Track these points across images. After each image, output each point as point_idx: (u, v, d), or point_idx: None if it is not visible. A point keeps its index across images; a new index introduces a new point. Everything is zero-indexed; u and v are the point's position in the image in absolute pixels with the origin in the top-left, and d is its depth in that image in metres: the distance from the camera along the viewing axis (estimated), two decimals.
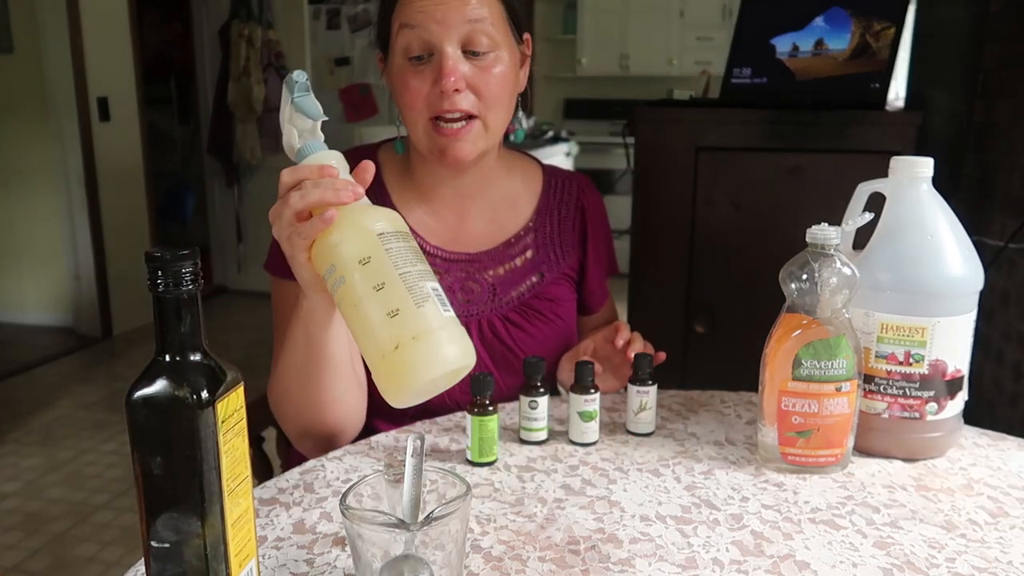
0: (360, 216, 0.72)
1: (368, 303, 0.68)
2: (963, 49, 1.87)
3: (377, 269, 0.69)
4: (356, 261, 0.70)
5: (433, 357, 0.68)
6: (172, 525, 0.57)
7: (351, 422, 0.99)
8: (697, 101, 2.02)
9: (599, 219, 1.21)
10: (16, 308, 4.27)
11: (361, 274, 0.69)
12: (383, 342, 0.68)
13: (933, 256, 0.88)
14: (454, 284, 1.09)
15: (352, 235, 0.71)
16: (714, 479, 0.86)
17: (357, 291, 0.69)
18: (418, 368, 0.67)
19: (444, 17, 0.96)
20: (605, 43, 5.83)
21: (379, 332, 0.68)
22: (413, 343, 0.67)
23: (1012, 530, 0.77)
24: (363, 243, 0.70)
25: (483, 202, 1.13)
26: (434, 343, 0.68)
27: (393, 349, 0.67)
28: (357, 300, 0.69)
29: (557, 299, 1.14)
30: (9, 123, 4.01)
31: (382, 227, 0.71)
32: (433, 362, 0.68)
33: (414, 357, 0.67)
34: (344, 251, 0.71)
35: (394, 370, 0.68)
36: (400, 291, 0.68)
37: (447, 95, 0.97)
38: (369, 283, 0.69)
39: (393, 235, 0.71)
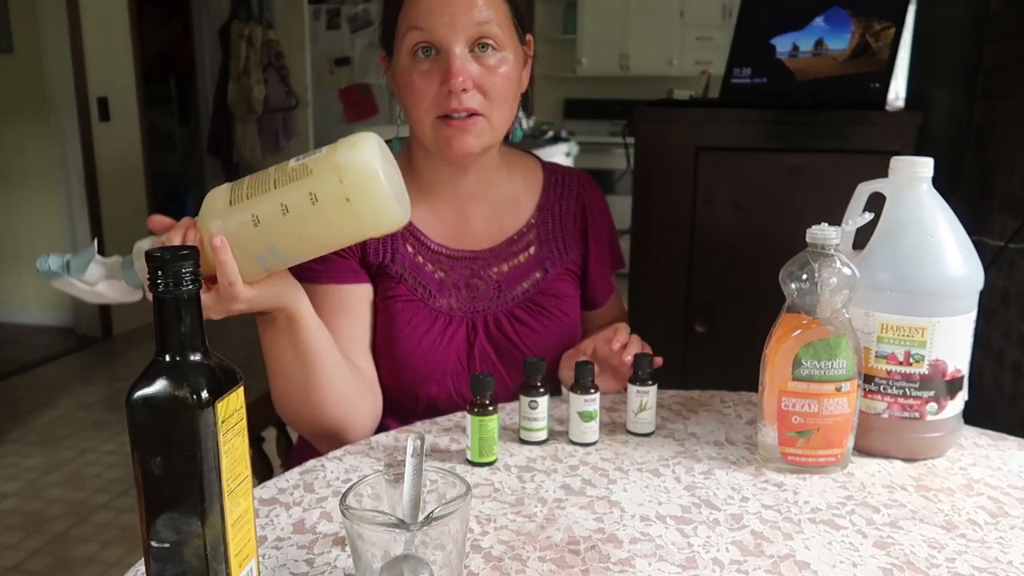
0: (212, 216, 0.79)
1: (295, 223, 0.76)
2: (963, 49, 1.87)
3: (267, 214, 0.76)
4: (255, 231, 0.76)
5: (360, 161, 0.75)
6: (172, 525, 0.57)
7: (359, 418, 1.00)
8: (697, 101, 2.02)
9: (600, 214, 1.21)
10: (16, 308, 4.27)
11: (272, 228, 0.76)
12: (336, 210, 0.75)
13: (933, 256, 0.88)
14: (459, 281, 1.10)
15: (234, 228, 0.77)
16: (714, 479, 0.86)
17: (285, 229, 0.76)
18: (366, 176, 0.75)
19: (452, 19, 0.97)
20: (605, 43, 5.83)
21: (326, 211, 0.75)
22: (347, 178, 0.74)
23: (1012, 530, 0.77)
24: (238, 219, 0.77)
25: (484, 200, 1.13)
26: (348, 160, 0.75)
27: (345, 201, 0.74)
28: (291, 230, 0.76)
29: (561, 295, 1.15)
30: (9, 123, 4.01)
31: (222, 200, 0.78)
32: (366, 161, 0.75)
33: (355, 179, 0.74)
34: (246, 239, 0.77)
35: (365, 200, 0.75)
36: (295, 187, 0.75)
37: (455, 94, 0.98)
38: (279, 220, 0.76)
39: (235, 195, 0.78)
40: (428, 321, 1.07)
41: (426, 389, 1.07)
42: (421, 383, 1.06)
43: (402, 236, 1.09)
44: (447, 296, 1.09)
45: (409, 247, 1.09)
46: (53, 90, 3.86)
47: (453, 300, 1.09)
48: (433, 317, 1.07)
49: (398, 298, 1.06)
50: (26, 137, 4.00)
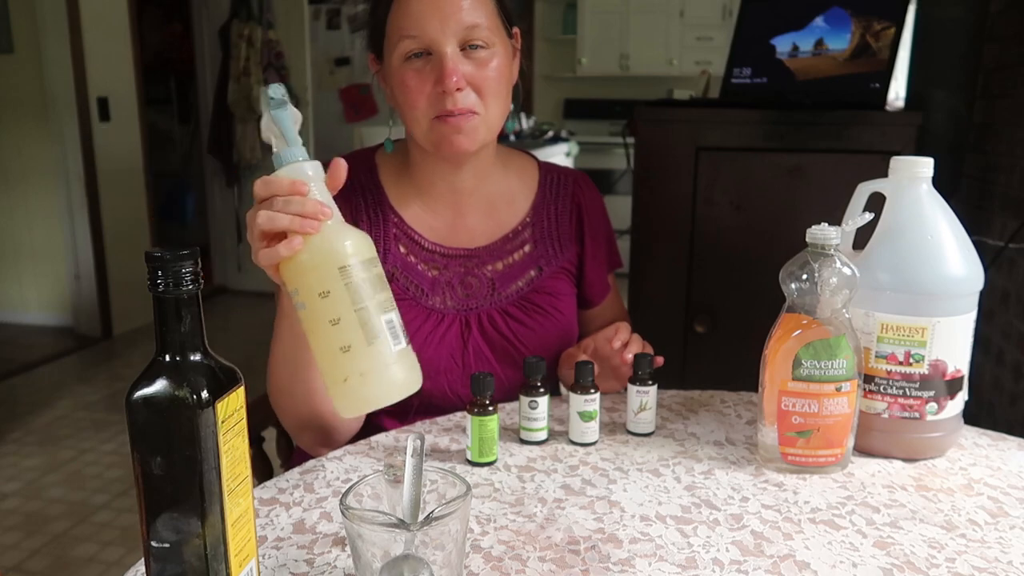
0: (326, 246, 0.72)
1: (323, 335, 0.71)
2: (963, 49, 1.87)
3: (334, 304, 0.70)
4: (316, 293, 0.71)
5: (378, 392, 0.72)
6: (172, 525, 0.57)
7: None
8: (697, 101, 2.02)
9: (596, 213, 1.21)
10: (16, 308, 4.27)
11: (320, 306, 0.71)
12: (334, 372, 0.71)
13: (933, 256, 0.88)
14: (453, 279, 1.11)
15: (314, 267, 0.72)
16: (714, 479, 0.86)
17: (315, 321, 0.71)
18: (362, 400, 0.72)
19: (442, 23, 0.98)
20: (605, 43, 5.83)
21: (331, 362, 0.71)
22: (360, 378, 0.70)
23: (1012, 530, 0.77)
24: (324, 276, 0.71)
25: (479, 197, 1.14)
26: (380, 379, 0.71)
27: (343, 381, 0.71)
28: (314, 329, 0.72)
29: (556, 293, 1.15)
30: (9, 123, 4.01)
31: (347, 258, 0.71)
32: (377, 396, 0.72)
33: (360, 390, 0.71)
34: (305, 281, 0.72)
35: (342, 396, 0.72)
36: (353, 328, 0.70)
37: (450, 94, 0.99)
38: (326, 316, 0.71)
39: (357, 266, 0.71)
40: (420, 319, 1.07)
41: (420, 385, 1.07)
42: None
43: (395, 236, 1.09)
44: (440, 294, 1.10)
45: (402, 247, 1.10)
46: (53, 90, 3.86)
47: (447, 298, 1.10)
48: (425, 315, 1.08)
49: None
50: (26, 137, 4.00)
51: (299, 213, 0.72)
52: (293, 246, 0.71)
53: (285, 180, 0.74)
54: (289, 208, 0.72)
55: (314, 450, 1.05)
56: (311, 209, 0.72)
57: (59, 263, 4.10)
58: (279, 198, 0.74)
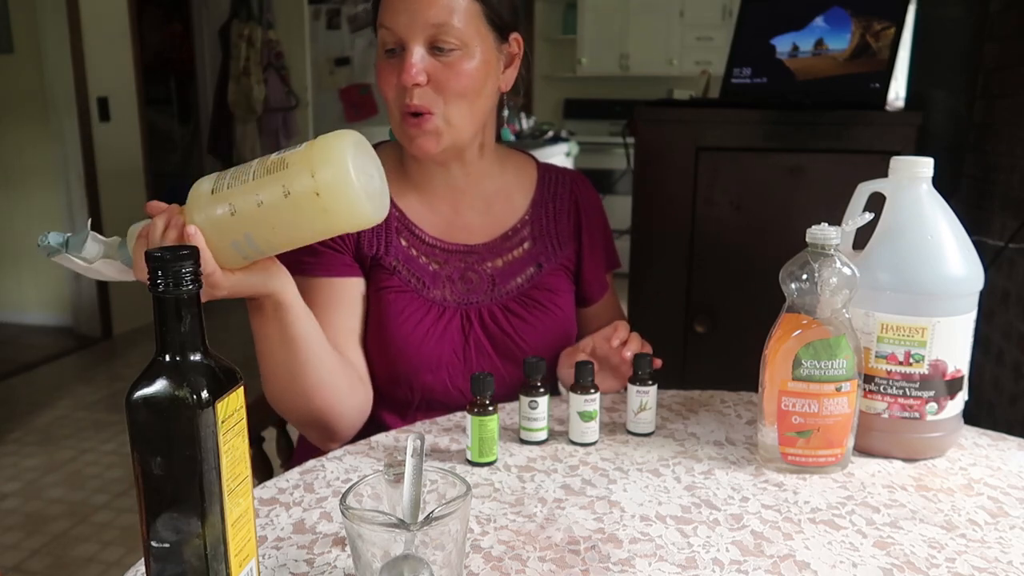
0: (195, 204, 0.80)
1: (269, 214, 0.76)
2: (963, 49, 1.87)
3: (243, 203, 0.77)
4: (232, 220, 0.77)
5: (333, 156, 0.76)
6: (172, 525, 0.57)
7: (345, 407, 1.01)
8: (697, 101, 2.02)
9: (594, 212, 1.22)
10: (16, 308, 4.27)
11: (247, 217, 0.77)
12: (307, 205, 0.75)
13: (933, 256, 0.88)
14: (453, 274, 1.11)
15: (213, 216, 0.78)
16: (714, 479, 0.86)
17: (260, 220, 0.77)
18: (336, 171, 0.75)
19: (410, 19, 1.00)
20: (605, 43, 5.83)
21: (297, 205, 0.76)
22: (318, 173, 0.75)
23: (1012, 530, 0.77)
24: (216, 208, 0.78)
25: (476, 195, 1.15)
26: (322, 155, 0.76)
27: (315, 195, 0.75)
28: (264, 221, 0.77)
29: (555, 290, 1.16)
30: (9, 123, 4.01)
31: (206, 188, 0.79)
32: (338, 156, 0.76)
33: (326, 174, 0.75)
34: (224, 227, 0.78)
35: (335, 195, 0.75)
36: (271, 180, 0.76)
37: (407, 90, 1.01)
38: (253, 210, 0.77)
39: (218, 184, 0.79)
40: (421, 311, 1.08)
41: (421, 379, 1.07)
42: (415, 373, 1.07)
43: (396, 229, 1.10)
44: (441, 288, 1.10)
45: (403, 240, 1.10)
46: (53, 90, 3.86)
47: (447, 292, 1.10)
48: (427, 307, 1.08)
49: (391, 289, 1.08)
50: (26, 137, 4.00)
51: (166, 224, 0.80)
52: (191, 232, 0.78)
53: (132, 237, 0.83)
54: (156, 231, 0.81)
55: (323, 445, 1.05)
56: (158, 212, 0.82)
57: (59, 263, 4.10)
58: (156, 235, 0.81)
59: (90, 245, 0.83)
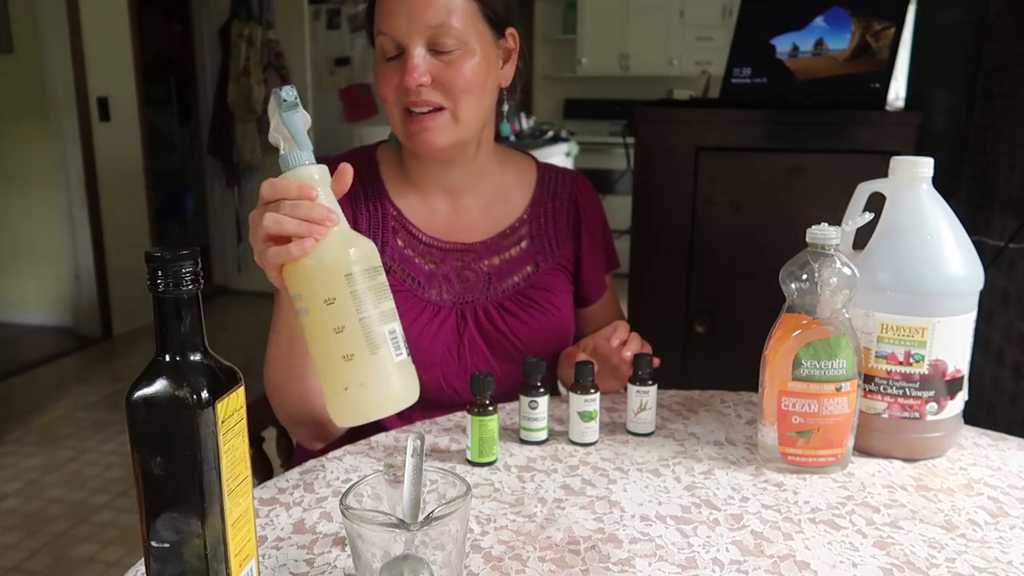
0: (332, 252, 0.72)
1: (326, 342, 0.70)
2: (963, 49, 1.87)
3: (339, 312, 0.70)
4: (321, 300, 0.70)
5: (377, 402, 0.71)
6: (172, 525, 0.57)
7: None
8: (697, 101, 2.02)
9: (593, 212, 1.22)
10: (16, 308, 4.27)
11: (324, 313, 0.70)
12: (335, 381, 0.71)
13: (933, 256, 0.88)
14: (449, 273, 1.11)
15: (320, 273, 0.71)
16: (714, 479, 0.86)
17: (318, 328, 0.71)
18: (361, 410, 0.71)
19: (409, 21, 1.00)
20: (605, 43, 5.83)
21: (332, 371, 0.71)
22: (361, 388, 0.70)
23: (1012, 530, 0.77)
24: (330, 283, 0.70)
25: (475, 193, 1.15)
26: (380, 390, 0.71)
27: (343, 390, 0.70)
28: (317, 336, 0.71)
29: (552, 289, 1.15)
30: (9, 123, 4.01)
31: (352, 265, 0.71)
32: (376, 407, 0.71)
33: (360, 400, 0.70)
34: (310, 287, 0.71)
35: (340, 406, 0.71)
36: (357, 336, 0.70)
37: (411, 90, 1.01)
38: (330, 324, 0.70)
39: (362, 274, 0.71)
40: (416, 310, 1.08)
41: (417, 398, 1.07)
42: None
43: (392, 229, 1.10)
44: (436, 287, 1.10)
45: (399, 240, 1.10)
46: (53, 90, 3.85)
47: (443, 291, 1.10)
48: (421, 307, 1.08)
49: None
50: (26, 137, 4.00)
51: (307, 218, 0.71)
52: (305, 247, 0.71)
53: (293, 184, 0.73)
54: (297, 212, 0.72)
55: (309, 443, 1.06)
56: (319, 214, 0.72)
57: (59, 263, 4.10)
58: (287, 202, 0.73)
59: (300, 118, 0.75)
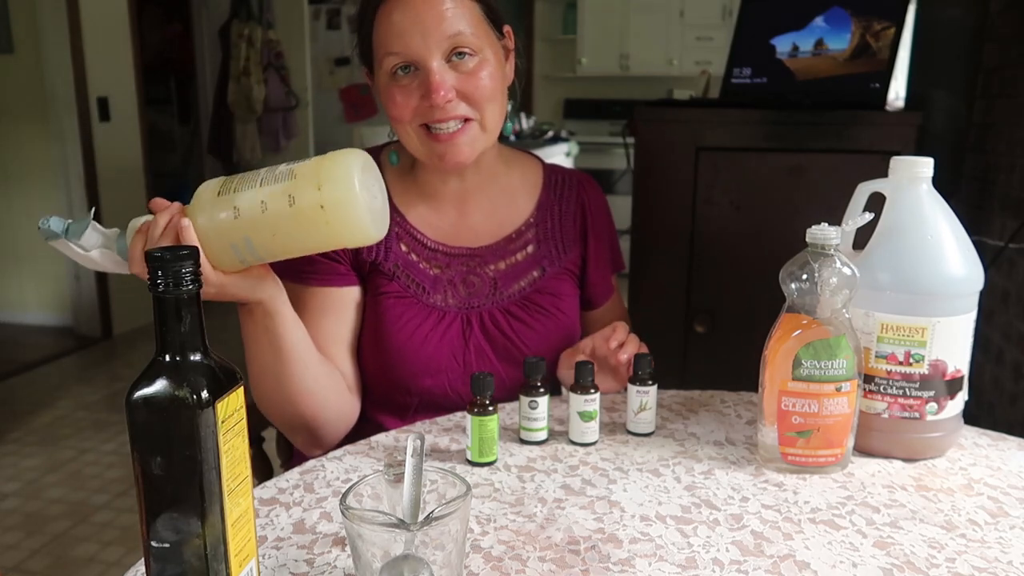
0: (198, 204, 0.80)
1: (271, 221, 0.77)
2: (963, 49, 1.87)
3: (247, 208, 0.77)
4: (234, 222, 0.78)
5: (340, 173, 0.77)
6: (172, 525, 0.57)
7: (331, 415, 1.02)
8: (697, 101, 2.02)
9: (601, 215, 1.21)
10: (16, 308, 4.26)
11: (250, 222, 0.78)
12: (310, 216, 0.76)
13: (933, 256, 0.88)
14: (455, 278, 1.11)
15: (216, 216, 0.79)
16: (714, 479, 0.86)
17: (261, 225, 0.78)
18: (342, 187, 0.76)
19: (424, 37, 0.97)
20: (605, 43, 5.83)
21: (301, 215, 0.76)
22: (325, 187, 0.76)
23: (1012, 530, 0.77)
24: (221, 210, 0.79)
25: (483, 196, 1.14)
26: (330, 170, 0.77)
27: (320, 208, 0.76)
28: (266, 227, 0.78)
29: (558, 294, 1.15)
30: (9, 123, 4.00)
31: (212, 190, 0.80)
32: (345, 173, 0.77)
33: (332, 189, 0.76)
34: (224, 228, 0.79)
35: (338, 210, 0.76)
36: (278, 187, 0.77)
37: (438, 108, 0.99)
38: (257, 215, 0.77)
39: (225, 187, 0.79)
40: (420, 316, 1.07)
41: (420, 383, 1.07)
42: (413, 377, 1.07)
43: (396, 235, 1.10)
44: (442, 292, 1.10)
45: (403, 246, 1.10)
46: (53, 90, 3.85)
47: (448, 296, 1.10)
48: (426, 312, 1.08)
49: (390, 294, 1.07)
50: (26, 137, 4.00)
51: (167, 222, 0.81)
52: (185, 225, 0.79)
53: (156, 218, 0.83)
54: (158, 229, 0.81)
55: (308, 450, 1.06)
56: (160, 208, 0.83)
57: (59, 263, 4.10)
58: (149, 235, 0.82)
59: (90, 234, 0.83)
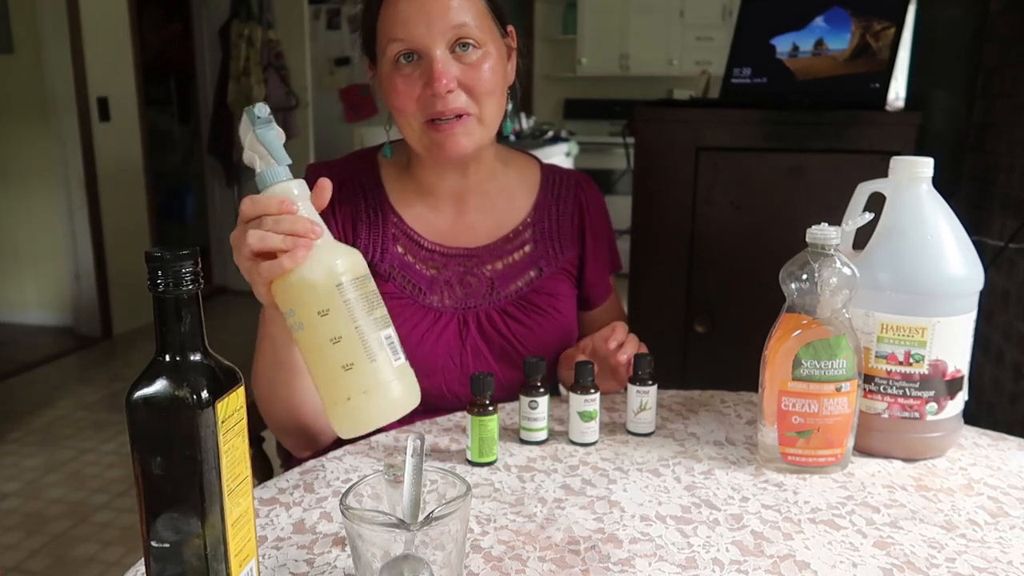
0: (320, 263, 0.72)
1: (324, 354, 0.71)
2: (963, 49, 1.87)
3: (334, 322, 0.70)
4: (315, 312, 0.70)
5: (381, 409, 0.71)
6: (172, 525, 0.57)
7: (325, 421, 1.00)
8: (697, 101, 2.02)
9: (598, 215, 1.21)
10: (16, 308, 4.26)
11: (319, 326, 0.70)
12: (336, 392, 0.71)
13: (933, 256, 0.88)
14: (452, 278, 1.11)
15: (311, 285, 0.71)
16: (714, 479, 0.86)
17: (315, 340, 0.71)
18: (365, 419, 0.72)
19: (429, 25, 0.98)
20: (605, 43, 5.83)
21: (333, 382, 0.71)
22: (364, 396, 0.70)
23: (1012, 530, 0.77)
24: (322, 295, 0.70)
25: (481, 196, 1.14)
26: (383, 396, 0.71)
27: (345, 400, 0.70)
28: (314, 348, 0.71)
29: (556, 294, 1.15)
30: (9, 123, 4.01)
31: (341, 276, 0.71)
32: (380, 413, 0.72)
33: (363, 409, 0.71)
34: (302, 300, 0.71)
35: (344, 417, 0.71)
36: (355, 345, 0.70)
37: (440, 97, 0.99)
38: (326, 335, 0.70)
39: (352, 283, 0.71)
40: (416, 317, 1.07)
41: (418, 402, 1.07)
42: None
43: (392, 236, 1.10)
44: (438, 293, 1.10)
45: (399, 247, 1.10)
46: (53, 90, 3.85)
47: (445, 297, 1.10)
48: (422, 313, 1.08)
49: (386, 295, 1.06)
50: (26, 137, 4.00)
51: (291, 232, 0.72)
52: (297, 258, 0.71)
53: (274, 199, 0.74)
54: (280, 227, 0.72)
55: (298, 452, 1.06)
56: (302, 227, 0.72)
57: (59, 263, 4.10)
58: (269, 217, 0.73)
59: (274, 134, 0.75)
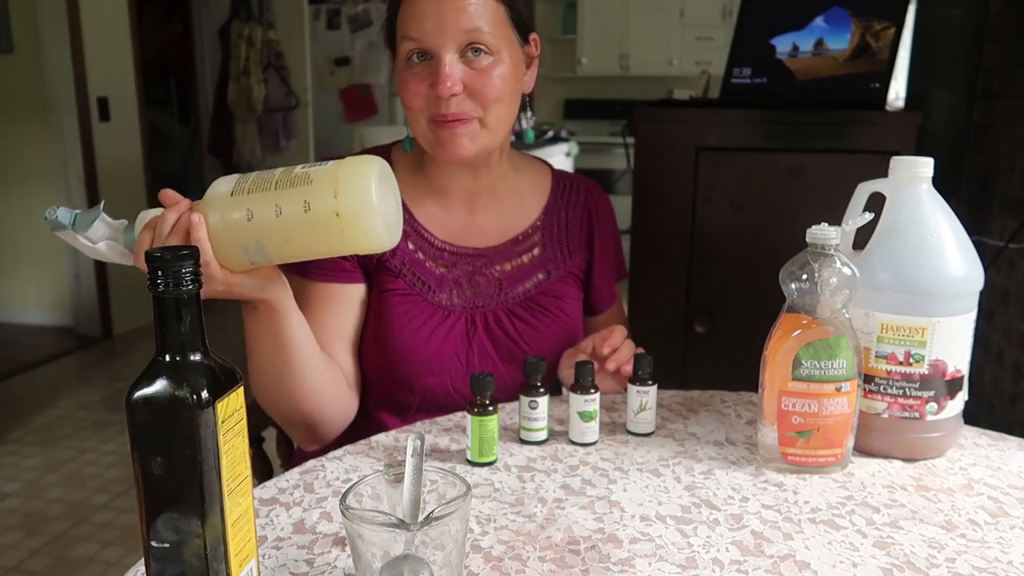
0: (208, 204, 0.79)
1: (285, 226, 0.76)
2: (963, 49, 1.87)
3: (261, 211, 0.76)
4: (247, 225, 0.77)
5: (357, 181, 0.76)
6: (172, 525, 0.57)
7: (331, 413, 1.02)
8: (697, 101, 2.02)
9: (607, 221, 1.22)
10: (16, 308, 4.26)
11: (263, 223, 0.77)
12: (325, 223, 0.75)
13: (933, 256, 0.88)
14: (461, 277, 1.11)
15: (227, 220, 0.78)
16: (714, 479, 0.86)
17: (275, 229, 0.76)
18: (359, 195, 0.75)
19: (441, 27, 0.98)
20: (605, 43, 5.83)
21: (316, 222, 0.75)
22: (342, 195, 0.75)
23: (1012, 530, 0.77)
24: (235, 211, 0.77)
25: (492, 197, 1.14)
26: (347, 177, 0.76)
27: (335, 215, 0.75)
28: (280, 232, 0.77)
29: (562, 296, 1.15)
30: (9, 123, 4.01)
31: (224, 187, 0.79)
32: (363, 182, 0.76)
33: (349, 197, 0.75)
34: (239, 232, 0.78)
35: (349, 214, 0.75)
36: (294, 192, 0.76)
37: (442, 99, 0.99)
38: (271, 219, 0.76)
39: (239, 187, 0.78)
40: (425, 314, 1.08)
41: (422, 381, 1.07)
42: (416, 375, 1.07)
43: (404, 233, 1.09)
44: (447, 291, 1.10)
45: (410, 244, 1.10)
46: (53, 90, 3.85)
47: (454, 296, 1.10)
48: (431, 311, 1.08)
49: (395, 292, 1.07)
50: (26, 137, 4.00)
51: (174, 222, 0.80)
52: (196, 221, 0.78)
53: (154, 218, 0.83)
54: (166, 226, 0.80)
55: (306, 445, 1.06)
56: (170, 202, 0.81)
57: (59, 263, 4.10)
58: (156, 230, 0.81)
59: (97, 226, 0.82)
